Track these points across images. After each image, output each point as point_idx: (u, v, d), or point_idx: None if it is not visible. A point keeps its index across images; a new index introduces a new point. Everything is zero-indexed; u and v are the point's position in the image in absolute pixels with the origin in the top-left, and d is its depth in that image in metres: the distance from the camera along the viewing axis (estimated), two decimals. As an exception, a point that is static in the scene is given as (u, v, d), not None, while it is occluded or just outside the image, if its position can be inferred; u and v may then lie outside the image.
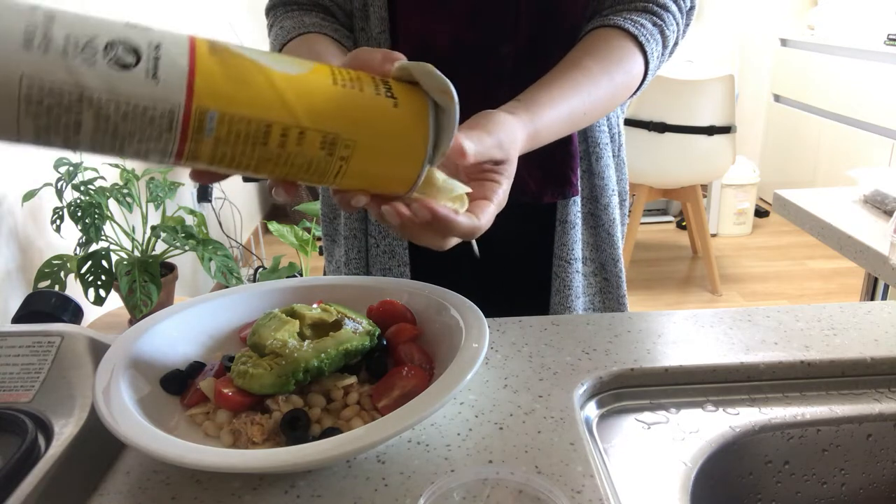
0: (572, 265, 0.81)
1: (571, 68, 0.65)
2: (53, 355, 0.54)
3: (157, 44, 0.37)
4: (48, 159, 1.58)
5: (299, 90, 0.40)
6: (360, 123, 0.42)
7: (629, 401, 0.58)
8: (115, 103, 0.36)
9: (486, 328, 0.54)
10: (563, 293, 0.81)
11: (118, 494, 0.46)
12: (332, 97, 0.41)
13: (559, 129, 0.63)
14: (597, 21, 0.70)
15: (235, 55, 0.39)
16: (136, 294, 1.52)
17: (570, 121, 0.64)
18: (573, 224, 0.80)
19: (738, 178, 3.48)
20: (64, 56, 0.35)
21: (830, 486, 0.58)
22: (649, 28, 0.69)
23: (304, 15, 0.74)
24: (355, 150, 0.42)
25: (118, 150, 0.38)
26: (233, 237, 2.98)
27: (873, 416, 0.57)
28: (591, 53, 0.66)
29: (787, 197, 1.29)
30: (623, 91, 0.68)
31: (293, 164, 0.41)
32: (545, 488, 0.44)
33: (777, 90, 3.94)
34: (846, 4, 3.45)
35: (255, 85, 0.39)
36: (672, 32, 0.71)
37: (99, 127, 0.37)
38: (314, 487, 0.46)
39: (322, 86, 0.41)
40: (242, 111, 0.39)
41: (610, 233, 0.84)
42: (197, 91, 0.37)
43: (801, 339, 0.64)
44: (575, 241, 0.81)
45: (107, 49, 0.36)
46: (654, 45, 0.69)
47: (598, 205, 0.82)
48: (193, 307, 0.60)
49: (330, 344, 0.52)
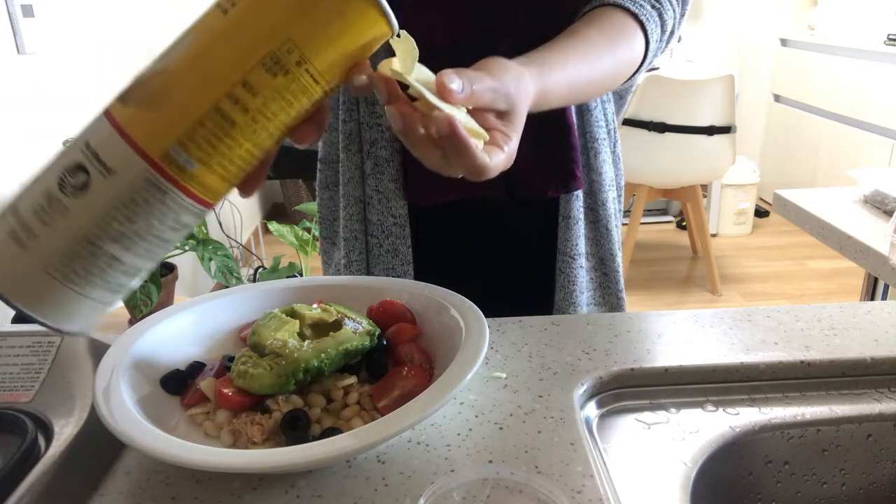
0: (576, 260, 0.81)
1: (575, 37, 0.64)
2: (53, 355, 0.54)
3: (85, 142, 0.37)
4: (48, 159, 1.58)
5: (205, 54, 0.37)
6: (279, 28, 0.37)
7: (629, 401, 0.58)
8: (111, 219, 0.37)
9: (486, 328, 0.54)
10: (568, 288, 0.81)
11: (118, 494, 0.46)
12: (233, 30, 0.38)
13: (565, 95, 0.61)
14: (596, 1, 0.70)
15: (140, 85, 0.38)
16: (136, 294, 1.52)
17: (575, 88, 0.62)
18: (576, 219, 0.80)
19: (738, 178, 3.48)
20: (47, 226, 0.36)
21: (830, 486, 0.58)
22: (648, 9, 0.69)
23: None
24: (302, 49, 0.38)
25: (160, 244, 0.39)
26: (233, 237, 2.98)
27: (873, 416, 0.57)
28: (594, 26, 0.66)
29: (787, 197, 1.29)
30: (624, 68, 0.68)
31: (273, 111, 0.38)
32: (545, 488, 0.44)
33: (777, 90, 3.94)
34: (846, 4, 3.45)
35: (175, 92, 0.37)
36: (670, 18, 0.72)
37: (125, 245, 0.37)
38: (314, 487, 0.46)
39: (217, 28, 0.38)
40: (188, 123, 0.37)
41: (608, 228, 0.84)
42: (143, 146, 0.36)
43: (801, 339, 0.64)
44: (578, 237, 0.81)
45: (62, 186, 0.37)
46: (654, 27, 0.69)
47: (597, 200, 0.82)
48: (193, 307, 0.60)
49: (330, 344, 0.52)
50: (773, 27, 3.97)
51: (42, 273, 0.37)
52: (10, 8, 1.51)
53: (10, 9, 1.51)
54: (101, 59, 1.95)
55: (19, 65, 1.54)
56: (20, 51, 1.54)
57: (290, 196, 3.79)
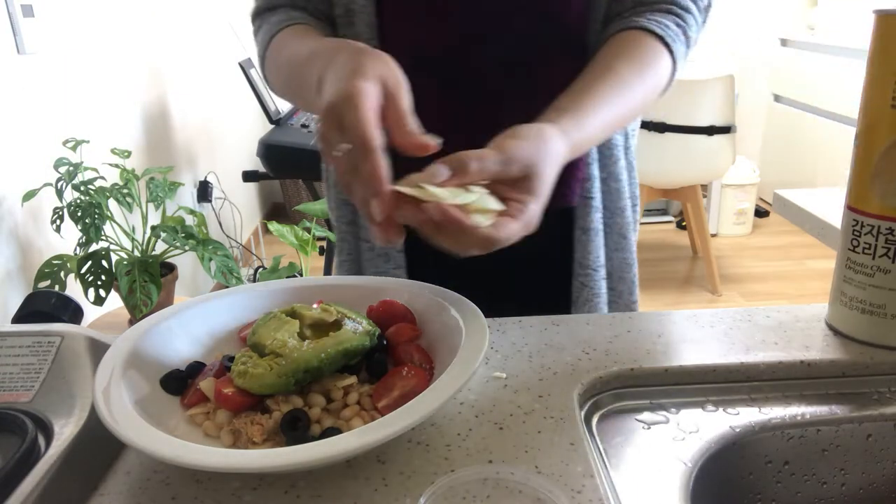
0: (598, 272, 0.79)
1: (606, 73, 0.63)
2: (53, 355, 0.54)
3: None
4: (48, 159, 1.58)
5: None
6: None
7: (629, 401, 0.58)
8: None
9: (486, 328, 0.54)
10: (592, 301, 0.79)
11: (118, 494, 0.46)
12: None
13: (599, 137, 0.62)
14: (619, 24, 0.69)
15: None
16: (136, 294, 1.52)
17: (608, 127, 0.63)
18: (596, 231, 0.78)
19: (738, 178, 3.48)
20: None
21: (830, 486, 0.58)
22: (674, 29, 0.68)
23: (291, 10, 0.74)
24: None
25: None
26: (233, 237, 2.98)
27: (873, 416, 0.57)
28: (621, 57, 0.65)
29: (787, 197, 1.29)
30: (652, 94, 0.68)
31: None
32: (545, 488, 0.44)
33: (777, 90, 3.94)
34: (846, 4, 3.45)
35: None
36: (694, 33, 0.71)
37: None
38: (314, 487, 0.46)
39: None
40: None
41: (625, 236, 0.82)
42: None
43: (801, 339, 0.64)
44: (598, 248, 0.79)
45: None
46: (680, 46, 0.69)
47: (615, 209, 0.81)
48: (193, 307, 0.60)
49: (330, 344, 0.52)
50: (773, 27, 3.97)
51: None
52: (10, 8, 1.51)
53: (10, 9, 1.52)
54: (101, 59, 1.95)
55: (19, 65, 1.55)
56: (20, 51, 1.54)
57: (290, 196, 3.79)
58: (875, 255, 0.59)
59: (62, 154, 1.60)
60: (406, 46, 0.71)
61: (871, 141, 0.58)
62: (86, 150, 1.65)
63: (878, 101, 0.57)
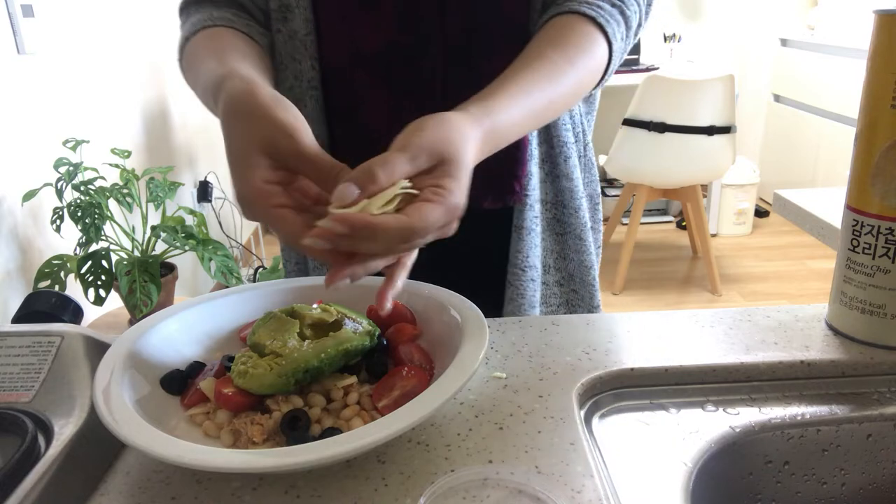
0: (527, 273, 0.77)
1: (532, 59, 0.62)
2: (53, 355, 0.54)
3: None
4: (48, 159, 1.58)
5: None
6: None
7: (629, 401, 0.58)
8: None
9: (486, 328, 0.54)
10: (517, 301, 0.77)
11: (118, 494, 0.46)
12: None
13: (523, 124, 0.60)
14: (553, 9, 0.68)
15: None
16: (136, 294, 1.52)
17: (533, 114, 0.61)
18: (529, 230, 0.76)
19: (738, 178, 3.48)
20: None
21: (830, 486, 0.58)
22: (608, 10, 0.66)
23: (213, 9, 0.71)
24: None
25: None
26: (233, 237, 2.98)
27: (873, 416, 0.57)
28: (551, 43, 0.64)
29: (787, 197, 1.29)
30: (588, 79, 0.66)
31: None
32: (545, 488, 0.44)
33: (777, 90, 3.94)
34: (846, 4, 3.45)
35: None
36: (634, 13, 0.69)
37: None
38: (314, 487, 0.46)
39: None
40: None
41: (581, 238, 0.80)
42: None
43: (801, 339, 0.64)
44: (531, 248, 0.77)
45: None
46: (616, 27, 0.67)
47: (567, 209, 0.79)
48: (193, 307, 0.60)
49: (330, 344, 0.52)
50: (773, 27, 3.97)
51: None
52: (10, 8, 1.51)
53: (10, 9, 1.52)
54: (101, 59, 1.95)
55: (19, 65, 1.55)
56: (20, 51, 1.55)
57: (290, 196, 3.78)
58: (875, 255, 0.59)
59: (62, 154, 1.60)
60: (343, 41, 0.70)
61: (871, 141, 0.58)
62: (86, 150, 1.65)
63: (877, 101, 0.57)
